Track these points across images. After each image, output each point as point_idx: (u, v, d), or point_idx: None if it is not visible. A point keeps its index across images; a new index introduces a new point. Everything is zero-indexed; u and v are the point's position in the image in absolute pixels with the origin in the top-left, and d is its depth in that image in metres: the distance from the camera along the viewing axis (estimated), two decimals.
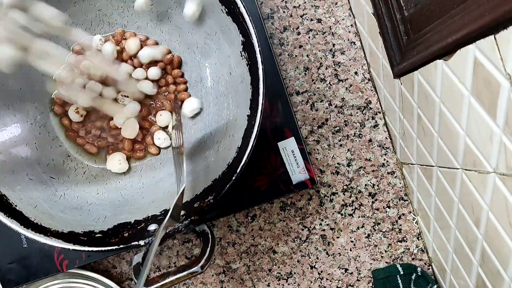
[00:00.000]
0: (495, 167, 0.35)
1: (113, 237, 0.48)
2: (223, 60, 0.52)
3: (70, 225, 0.49)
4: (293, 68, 0.63)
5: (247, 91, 0.48)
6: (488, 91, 0.32)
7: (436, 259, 0.60)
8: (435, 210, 0.54)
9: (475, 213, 0.42)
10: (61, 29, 0.48)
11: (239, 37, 0.48)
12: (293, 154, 0.58)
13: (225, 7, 0.48)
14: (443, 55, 0.37)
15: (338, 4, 0.62)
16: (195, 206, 0.48)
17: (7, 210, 0.47)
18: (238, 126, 0.49)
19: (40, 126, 0.55)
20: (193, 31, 0.54)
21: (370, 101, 0.63)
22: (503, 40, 0.29)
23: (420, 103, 0.47)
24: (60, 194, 0.52)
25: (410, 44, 0.44)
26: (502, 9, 0.27)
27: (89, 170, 0.56)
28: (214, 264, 0.64)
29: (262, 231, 0.64)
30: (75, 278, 0.61)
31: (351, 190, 0.63)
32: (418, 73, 0.44)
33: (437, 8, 0.38)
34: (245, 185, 0.57)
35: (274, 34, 0.62)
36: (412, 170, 0.58)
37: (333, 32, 0.62)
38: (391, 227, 0.63)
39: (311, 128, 0.63)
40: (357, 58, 0.62)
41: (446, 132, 0.43)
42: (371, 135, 0.63)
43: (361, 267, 0.64)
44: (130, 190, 0.54)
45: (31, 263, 0.58)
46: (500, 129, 0.33)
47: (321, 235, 0.64)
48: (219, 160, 0.50)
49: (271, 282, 0.64)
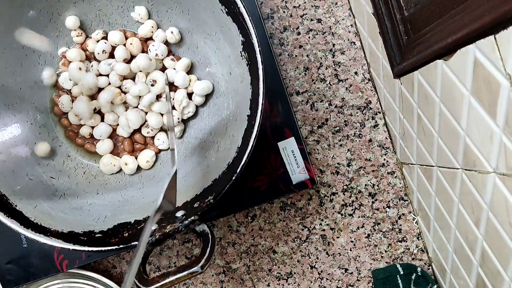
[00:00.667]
0: (495, 167, 0.35)
1: (113, 237, 0.48)
2: (223, 60, 0.52)
3: (70, 225, 0.49)
4: (293, 68, 0.63)
5: (247, 91, 0.48)
6: (488, 91, 0.32)
7: (436, 259, 0.60)
8: (435, 210, 0.54)
9: (475, 213, 0.42)
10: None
11: (239, 37, 0.48)
12: (293, 154, 0.58)
13: (225, 7, 0.48)
14: (443, 55, 0.37)
15: (338, 4, 0.62)
16: (195, 206, 0.48)
17: (7, 210, 0.47)
18: (238, 126, 0.49)
19: (40, 126, 0.55)
20: (193, 31, 0.54)
21: (370, 101, 0.63)
22: (503, 40, 0.29)
23: (420, 103, 0.47)
24: (60, 194, 0.52)
25: (410, 44, 0.44)
26: (502, 9, 0.27)
27: (89, 170, 0.56)
28: (214, 264, 0.64)
29: (262, 231, 0.63)
30: (75, 278, 0.61)
31: (351, 190, 0.63)
32: (418, 73, 0.44)
33: (437, 8, 0.38)
34: (245, 185, 0.57)
35: (274, 34, 0.62)
36: (412, 170, 0.58)
37: (333, 32, 0.62)
38: (391, 227, 0.63)
39: (311, 128, 0.63)
40: (357, 58, 0.62)
41: (446, 132, 0.43)
42: (371, 135, 0.63)
43: (361, 267, 0.64)
44: (130, 190, 0.54)
45: (31, 263, 0.58)
46: (500, 129, 0.33)
47: (321, 235, 0.64)
48: (219, 160, 0.50)
49: (271, 282, 0.64)
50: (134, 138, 0.56)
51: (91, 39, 0.55)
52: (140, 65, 0.53)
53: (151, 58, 0.54)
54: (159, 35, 0.54)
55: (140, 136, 0.56)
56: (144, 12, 0.54)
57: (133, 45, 0.54)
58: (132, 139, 0.56)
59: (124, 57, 0.54)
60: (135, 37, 0.54)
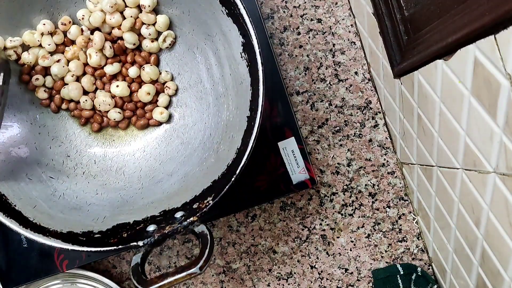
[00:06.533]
0: (495, 167, 0.35)
1: (112, 237, 0.48)
2: (223, 61, 0.52)
3: (69, 225, 0.49)
4: (293, 68, 0.62)
5: (247, 92, 0.48)
6: (488, 91, 0.32)
7: (436, 259, 0.60)
8: (435, 210, 0.54)
9: (475, 213, 0.42)
10: None
11: (239, 38, 0.48)
12: (293, 154, 0.58)
13: (225, 8, 0.48)
14: (443, 55, 0.37)
15: (338, 4, 0.62)
16: (194, 207, 0.48)
17: (6, 210, 0.47)
18: (238, 127, 0.49)
19: (40, 126, 0.55)
20: (194, 32, 0.54)
21: (370, 101, 0.62)
22: (503, 40, 0.29)
23: (420, 103, 0.47)
24: (60, 194, 0.52)
25: (410, 44, 0.44)
26: (502, 9, 0.27)
27: (89, 170, 0.56)
28: (214, 264, 0.64)
29: (262, 231, 0.63)
30: (75, 278, 0.61)
31: (351, 190, 0.63)
32: (418, 73, 0.44)
33: (437, 8, 0.38)
34: (245, 185, 0.57)
35: (274, 34, 0.62)
36: (412, 170, 0.58)
37: (333, 32, 0.62)
38: (391, 227, 0.63)
39: (311, 128, 0.63)
40: (357, 58, 0.62)
41: (446, 132, 0.43)
42: (371, 135, 0.63)
43: (361, 267, 0.64)
44: (129, 191, 0.54)
45: (31, 263, 0.58)
46: (500, 129, 0.33)
47: (321, 235, 0.63)
48: (218, 161, 0.50)
49: (271, 282, 0.64)
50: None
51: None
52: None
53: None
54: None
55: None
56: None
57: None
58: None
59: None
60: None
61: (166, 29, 0.54)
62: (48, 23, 0.53)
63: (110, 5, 0.52)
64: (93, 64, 0.54)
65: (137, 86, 0.55)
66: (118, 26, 0.54)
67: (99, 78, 0.55)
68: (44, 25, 0.52)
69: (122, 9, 0.53)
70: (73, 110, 0.56)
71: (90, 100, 0.55)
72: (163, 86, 0.56)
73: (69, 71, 0.54)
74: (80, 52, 0.54)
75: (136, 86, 0.55)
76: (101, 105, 0.54)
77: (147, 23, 0.54)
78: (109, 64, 0.55)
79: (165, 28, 0.54)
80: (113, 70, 0.54)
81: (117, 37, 0.55)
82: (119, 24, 0.53)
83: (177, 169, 0.54)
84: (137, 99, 0.56)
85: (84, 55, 0.54)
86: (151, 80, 0.55)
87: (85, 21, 0.53)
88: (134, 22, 0.54)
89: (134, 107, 0.56)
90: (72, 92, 0.54)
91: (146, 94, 0.55)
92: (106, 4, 0.52)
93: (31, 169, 0.53)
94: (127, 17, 0.53)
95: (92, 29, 0.54)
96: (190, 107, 0.56)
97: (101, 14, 0.53)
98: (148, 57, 0.55)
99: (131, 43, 0.54)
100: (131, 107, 0.56)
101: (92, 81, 0.55)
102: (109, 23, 0.53)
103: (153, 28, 0.54)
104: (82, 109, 0.56)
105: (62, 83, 0.55)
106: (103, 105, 0.54)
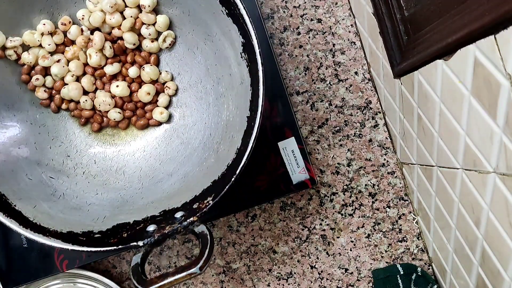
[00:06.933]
0: (495, 167, 0.35)
1: (112, 237, 0.48)
2: (223, 61, 0.52)
3: (69, 225, 0.49)
4: (293, 68, 0.62)
5: (247, 93, 0.48)
6: (488, 91, 0.32)
7: (436, 259, 0.60)
8: (435, 210, 0.54)
9: (475, 213, 0.42)
10: None
11: (239, 38, 0.48)
12: (293, 154, 0.58)
13: (225, 8, 0.48)
14: (443, 55, 0.37)
15: (338, 4, 0.62)
16: (194, 207, 0.48)
17: (6, 210, 0.47)
18: (237, 127, 0.49)
19: (40, 126, 0.55)
20: (194, 32, 0.54)
21: (370, 101, 0.62)
22: (503, 40, 0.29)
23: (420, 103, 0.47)
24: (60, 194, 0.52)
25: (410, 44, 0.44)
26: (502, 9, 0.27)
27: (89, 170, 0.56)
28: (214, 264, 0.64)
29: (262, 231, 0.63)
30: (75, 278, 0.61)
31: (351, 190, 0.63)
32: (418, 73, 0.44)
33: (437, 8, 0.38)
34: (245, 185, 0.57)
35: (274, 34, 0.62)
36: (412, 170, 0.58)
37: (333, 32, 0.62)
38: (391, 227, 0.63)
39: (311, 128, 0.63)
40: (357, 58, 0.62)
41: (446, 132, 0.43)
42: (371, 135, 0.63)
43: (361, 267, 0.64)
44: (129, 191, 0.54)
45: (31, 263, 0.58)
46: (500, 129, 0.33)
47: (321, 235, 0.63)
48: (218, 161, 0.50)
49: (271, 282, 0.64)
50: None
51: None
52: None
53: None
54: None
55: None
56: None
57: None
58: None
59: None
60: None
61: (166, 29, 0.54)
62: (48, 23, 0.53)
63: (110, 5, 0.52)
64: (93, 64, 0.54)
65: (137, 86, 0.55)
66: (118, 26, 0.54)
67: (99, 78, 0.55)
68: (44, 25, 0.52)
69: (122, 9, 0.53)
70: (73, 110, 0.56)
71: (90, 100, 0.55)
72: (163, 86, 0.56)
73: (69, 71, 0.54)
74: (80, 52, 0.54)
75: (136, 86, 0.55)
76: (101, 105, 0.54)
77: (147, 23, 0.54)
78: (109, 64, 0.55)
79: (165, 28, 0.54)
80: (113, 70, 0.54)
81: (117, 37, 0.55)
82: (119, 24, 0.53)
83: (177, 169, 0.54)
84: (137, 99, 0.56)
85: (84, 55, 0.54)
86: (151, 80, 0.55)
87: (85, 21, 0.53)
88: (134, 22, 0.54)
89: (134, 107, 0.56)
90: (72, 92, 0.54)
91: (146, 94, 0.55)
92: (106, 4, 0.52)
93: (31, 169, 0.53)
94: (127, 17, 0.53)
95: (92, 29, 0.54)
96: (190, 107, 0.56)
97: (101, 14, 0.53)
98: (148, 57, 0.55)
99: (131, 43, 0.54)
100: (131, 107, 0.56)
101: (92, 81, 0.55)
102: (109, 23, 0.53)
103: (153, 28, 0.54)
104: (82, 109, 0.56)
105: (62, 83, 0.55)
106: (103, 105, 0.54)
